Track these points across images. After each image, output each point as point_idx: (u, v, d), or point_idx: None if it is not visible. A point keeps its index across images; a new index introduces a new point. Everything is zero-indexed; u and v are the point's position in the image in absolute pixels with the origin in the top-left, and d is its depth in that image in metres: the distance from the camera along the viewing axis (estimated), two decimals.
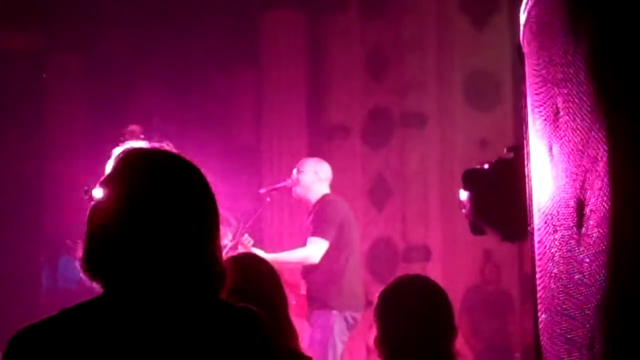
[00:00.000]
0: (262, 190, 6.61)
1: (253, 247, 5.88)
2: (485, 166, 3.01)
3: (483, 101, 8.69)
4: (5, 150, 9.06)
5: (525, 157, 2.30)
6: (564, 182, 1.90)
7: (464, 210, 3.09)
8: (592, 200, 1.75)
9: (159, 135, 2.07)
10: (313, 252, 5.85)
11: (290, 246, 6.41)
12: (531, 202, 2.25)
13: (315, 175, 6.09)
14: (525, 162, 2.30)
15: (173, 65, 9.14)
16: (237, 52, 9.20)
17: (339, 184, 6.57)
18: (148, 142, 1.83)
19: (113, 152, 1.81)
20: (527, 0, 2.14)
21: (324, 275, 5.85)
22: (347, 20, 9.03)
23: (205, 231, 1.77)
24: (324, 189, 6.11)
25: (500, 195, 2.86)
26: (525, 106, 2.26)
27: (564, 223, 1.90)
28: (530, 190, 2.26)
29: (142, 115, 8.56)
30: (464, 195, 3.06)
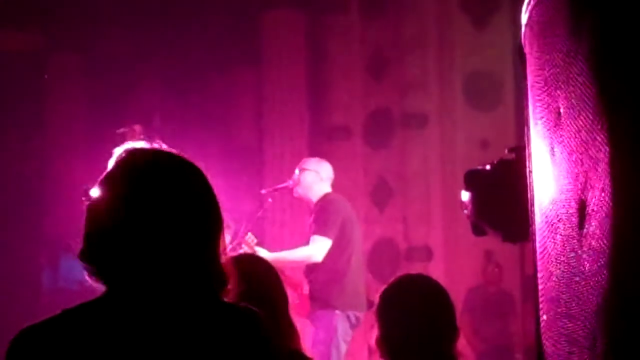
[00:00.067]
0: (263, 191, 6.61)
1: (257, 246, 5.87)
2: (487, 167, 3.01)
3: (484, 101, 8.69)
4: (5, 150, 9.05)
5: (527, 157, 2.30)
6: (565, 183, 1.90)
7: (465, 211, 3.08)
8: (593, 201, 1.75)
9: (159, 135, 2.06)
10: (316, 251, 5.84)
11: (292, 246, 6.41)
12: (532, 203, 2.25)
13: (317, 175, 6.08)
14: (527, 163, 2.30)
15: (173, 65, 9.13)
16: (237, 52, 9.19)
17: (340, 184, 6.56)
18: (148, 142, 1.83)
19: (113, 152, 1.81)
20: (529, 0, 2.14)
21: (326, 274, 5.84)
22: (347, 20, 9.02)
23: (206, 231, 1.77)
24: (326, 188, 6.10)
25: (502, 196, 2.85)
26: (526, 106, 2.26)
27: (565, 223, 1.90)
28: (532, 190, 2.26)
29: (142, 115, 8.55)
30: (466, 196, 3.06)
